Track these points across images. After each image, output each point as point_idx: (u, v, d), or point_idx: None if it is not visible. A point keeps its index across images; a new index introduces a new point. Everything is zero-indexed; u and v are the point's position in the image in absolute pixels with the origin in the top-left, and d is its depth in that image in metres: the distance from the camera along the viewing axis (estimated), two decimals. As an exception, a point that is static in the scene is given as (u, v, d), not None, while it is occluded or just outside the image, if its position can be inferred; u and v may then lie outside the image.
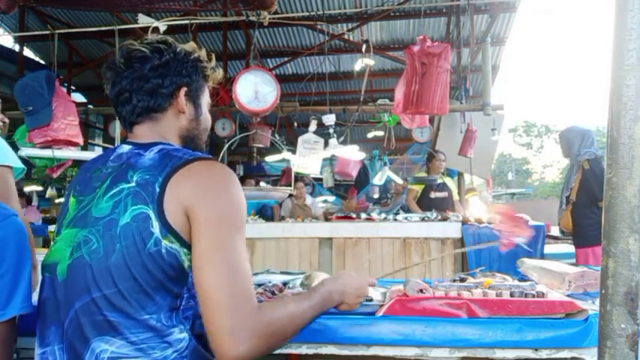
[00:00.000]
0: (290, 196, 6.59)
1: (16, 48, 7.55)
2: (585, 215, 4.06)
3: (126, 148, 1.20)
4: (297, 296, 1.19)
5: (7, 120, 1.92)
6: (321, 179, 9.37)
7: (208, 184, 1.07)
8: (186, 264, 1.07)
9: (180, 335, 1.07)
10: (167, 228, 1.04)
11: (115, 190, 1.10)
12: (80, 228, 1.10)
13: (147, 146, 1.18)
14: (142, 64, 1.19)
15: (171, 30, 4.57)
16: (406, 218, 5.16)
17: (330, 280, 1.35)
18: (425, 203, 5.53)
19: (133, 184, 1.08)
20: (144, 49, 1.20)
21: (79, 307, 1.04)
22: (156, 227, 1.03)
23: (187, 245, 1.06)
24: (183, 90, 1.24)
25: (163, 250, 1.03)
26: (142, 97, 1.20)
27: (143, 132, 1.22)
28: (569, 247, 5.19)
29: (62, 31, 5.68)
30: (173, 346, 1.05)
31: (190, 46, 1.28)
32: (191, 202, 1.04)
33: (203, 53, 1.30)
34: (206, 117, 1.33)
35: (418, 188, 5.70)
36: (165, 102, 1.22)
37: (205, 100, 1.33)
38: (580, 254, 4.09)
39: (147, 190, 1.06)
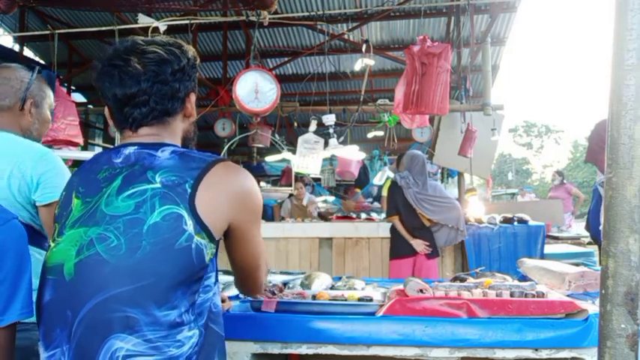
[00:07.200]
0: (290, 196, 6.58)
1: (16, 48, 7.54)
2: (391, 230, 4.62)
3: (131, 148, 1.19)
4: None
5: None
6: (319, 179, 9.36)
7: (243, 192, 1.20)
8: (208, 257, 1.12)
9: (193, 332, 1.09)
10: (201, 225, 1.10)
11: (133, 190, 1.11)
12: (90, 226, 1.10)
13: (155, 147, 1.19)
14: (160, 67, 1.18)
15: (171, 30, 4.57)
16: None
17: None
18: None
19: (158, 184, 1.11)
20: (160, 50, 1.20)
21: (94, 305, 1.04)
22: (189, 225, 1.09)
23: (215, 240, 1.14)
24: (193, 95, 1.28)
25: (193, 246, 1.08)
26: (160, 101, 1.20)
27: (147, 132, 1.22)
28: (569, 247, 5.20)
29: (62, 31, 5.68)
30: (187, 342, 1.07)
31: (191, 49, 1.29)
32: (234, 215, 1.18)
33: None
34: (195, 118, 1.38)
35: None
36: (179, 107, 1.25)
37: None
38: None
39: (176, 191, 1.10)
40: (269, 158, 7.93)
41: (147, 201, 1.09)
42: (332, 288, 2.26)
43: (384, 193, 5.77)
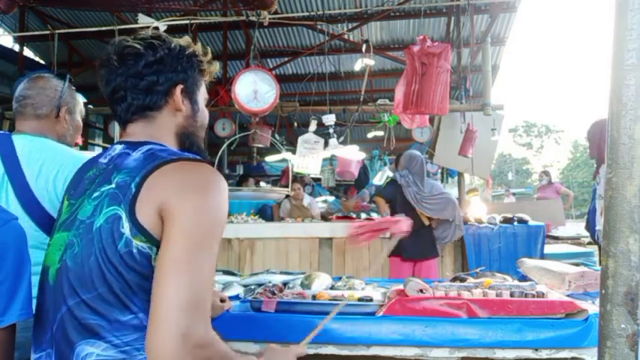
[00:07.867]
0: (287, 196, 6.57)
1: (16, 48, 7.54)
2: None
3: (118, 148, 1.17)
4: (239, 356, 1.09)
5: None
6: (319, 179, 9.36)
7: (185, 184, 1.02)
8: None
9: None
10: (137, 227, 1.00)
11: (97, 193, 1.08)
12: (70, 230, 1.10)
13: (136, 145, 1.14)
14: (135, 61, 1.15)
15: (171, 30, 4.57)
16: (406, 218, 5.15)
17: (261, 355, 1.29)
18: None
19: (113, 185, 1.06)
20: (137, 45, 1.16)
21: (64, 312, 1.04)
22: (126, 227, 1.01)
23: (159, 246, 1.02)
24: (180, 87, 1.20)
25: (134, 250, 1.00)
26: (137, 95, 1.16)
27: (136, 130, 1.19)
28: (569, 247, 5.19)
29: (62, 31, 5.68)
30: None
31: (185, 40, 1.24)
32: (165, 201, 1.00)
33: (198, 47, 1.26)
34: (203, 113, 1.28)
35: None
36: (161, 100, 1.18)
37: (202, 95, 1.28)
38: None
39: (123, 191, 1.04)
40: (269, 158, 7.94)
41: (100, 203, 1.06)
42: (332, 288, 2.26)
43: None
